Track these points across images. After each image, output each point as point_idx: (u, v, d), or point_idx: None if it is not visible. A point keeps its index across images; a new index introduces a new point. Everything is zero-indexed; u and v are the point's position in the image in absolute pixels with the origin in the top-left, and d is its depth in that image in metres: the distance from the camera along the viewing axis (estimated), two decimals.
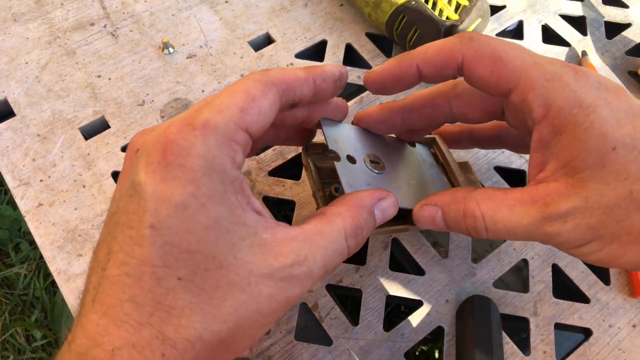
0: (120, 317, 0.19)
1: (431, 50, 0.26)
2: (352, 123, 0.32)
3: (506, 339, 0.33)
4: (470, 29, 0.41)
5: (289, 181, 0.38)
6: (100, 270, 0.21)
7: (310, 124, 0.29)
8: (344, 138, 0.30)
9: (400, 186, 0.30)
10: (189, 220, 0.20)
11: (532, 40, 0.47)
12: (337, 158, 0.28)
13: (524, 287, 0.35)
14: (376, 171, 0.29)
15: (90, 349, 0.19)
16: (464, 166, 0.35)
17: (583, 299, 0.35)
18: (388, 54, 0.45)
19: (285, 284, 0.21)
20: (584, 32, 0.48)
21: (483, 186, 0.37)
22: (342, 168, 0.28)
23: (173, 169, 0.20)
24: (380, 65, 0.28)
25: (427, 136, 0.35)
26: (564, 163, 0.23)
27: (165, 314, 0.20)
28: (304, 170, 0.39)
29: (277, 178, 0.39)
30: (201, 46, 0.45)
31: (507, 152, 0.41)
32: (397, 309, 0.73)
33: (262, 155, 0.40)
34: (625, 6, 0.50)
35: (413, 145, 0.34)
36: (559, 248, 0.24)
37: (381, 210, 0.26)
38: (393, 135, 0.33)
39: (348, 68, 0.44)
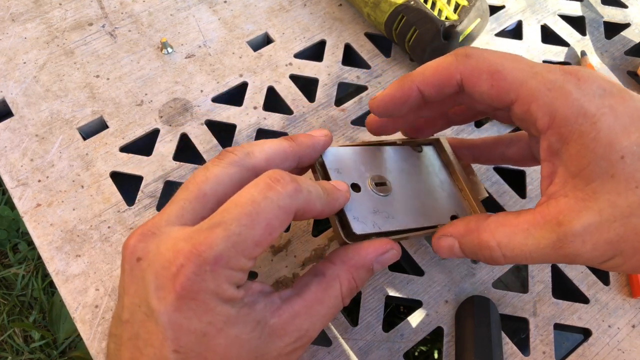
0: None
1: (429, 71, 0.26)
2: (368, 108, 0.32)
3: (505, 339, 0.33)
4: (470, 29, 0.41)
5: None
6: None
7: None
8: (347, 163, 0.30)
9: (407, 203, 0.30)
10: (210, 344, 0.22)
11: (531, 40, 0.47)
12: None
13: (524, 288, 0.35)
14: (382, 194, 0.29)
15: None
16: (466, 168, 0.35)
17: (582, 299, 0.35)
18: (387, 53, 0.45)
19: (290, 356, 0.24)
20: (583, 32, 0.48)
21: (487, 191, 0.37)
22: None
23: (186, 301, 0.21)
24: (383, 90, 0.28)
25: (431, 138, 0.35)
26: (574, 173, 0.22)
27: None
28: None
29: None
30: (200, 46, 0.45)
31: None
32: (397, 310, 0.73)
33: None
34: (624, 6, 0.50)
35: (420, 149, 0.34)
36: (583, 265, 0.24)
37: (381, 262, 0.27)
38: (399, 143, 0.33)
39: (347, 68, 0.44)
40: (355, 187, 0.29)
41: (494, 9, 0.49)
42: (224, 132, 0.41)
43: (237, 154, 0.25)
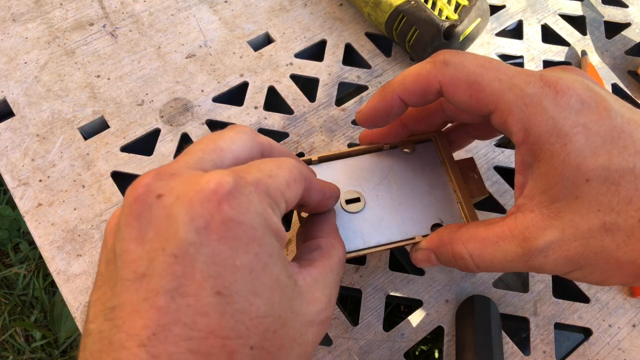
0: None
1: (408, 79, 0.26)
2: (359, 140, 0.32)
3: (506, 338, 0.33)
4: (470, 28, 0.41)
5: None
6: (140, 348, 0.17)
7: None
8: None
9: (382, 218, 0.30)
10: (256, 283, 0.18)
11: (532, 39, 0.47)
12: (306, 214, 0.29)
13: (524, 287, 0.35)
14: (353, 211, 0.30)
15: None
16: (467, 164, 0.34)
17: (583, 298, 0.35)
18: (388, 53, 0.45)
19: (322, 327, 0.23)
20: (583, 31, 0.48)
21: (486, 190, 0.36)
22: None
23: (232, 226, 0.18)
24: (366, 103, 0.29)
25: (427, 134, 0.34)
26: (542, 190, 0.23)
27: None
28: None
29: None
30: (200, 46, 0.45)
31: (507, 151, 0.41)
32: (397, 309, 0.73)
33: None
34: (624, 6, 0.50)
35: (412, 149, 0.33)
36: None
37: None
38: (386, 148, 0.32)
39: (347, 68, 0.44)
40: None
41: (494, 9, 0.49)
42: None
43: (248, 129, 0.24)
